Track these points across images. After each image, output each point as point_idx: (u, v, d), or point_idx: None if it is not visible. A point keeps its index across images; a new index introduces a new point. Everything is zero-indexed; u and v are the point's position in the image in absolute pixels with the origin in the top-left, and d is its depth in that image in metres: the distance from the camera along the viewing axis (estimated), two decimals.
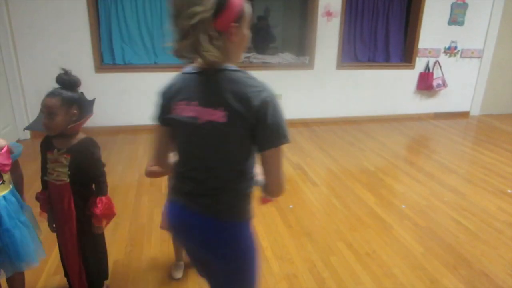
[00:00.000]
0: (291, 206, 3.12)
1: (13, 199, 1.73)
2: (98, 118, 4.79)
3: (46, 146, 1.74)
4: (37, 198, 1.85)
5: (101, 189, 1.81)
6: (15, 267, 1.75)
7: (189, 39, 1.03)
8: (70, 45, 4.61)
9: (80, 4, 4.51)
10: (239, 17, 1.06)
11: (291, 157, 4.20)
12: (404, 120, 5.85)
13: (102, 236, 1.95)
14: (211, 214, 1.18)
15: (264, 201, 1.35)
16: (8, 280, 1.84)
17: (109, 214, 1.85)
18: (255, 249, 1.27)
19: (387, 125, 5.60)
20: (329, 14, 5.22)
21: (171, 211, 1.28)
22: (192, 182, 1.18)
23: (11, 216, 1.70)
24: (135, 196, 3.26)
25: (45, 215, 1.90)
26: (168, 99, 1.18)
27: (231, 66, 1.11)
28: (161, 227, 2.21)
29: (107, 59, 4.90)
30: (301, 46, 5.93)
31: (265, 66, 5.33)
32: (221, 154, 1.13)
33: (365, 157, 4.28)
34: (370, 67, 5.67)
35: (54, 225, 1.88)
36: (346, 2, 5.27)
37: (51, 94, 1.65)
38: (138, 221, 2.87)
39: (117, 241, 2.60)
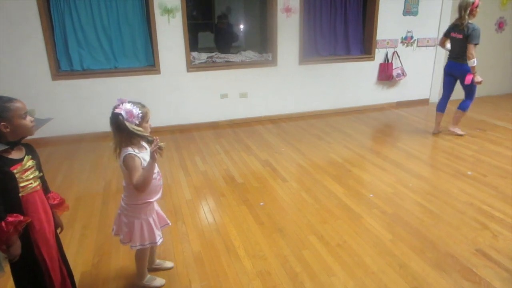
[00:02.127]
0: (262, 203, 3.12)
1: None
2: (59, 127, 4.62)
3: (4, 164, 1.59)
4: (14, 225, 1.59)
5: (48, 186, 1.86)
6: None
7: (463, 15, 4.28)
8: (24, 53, 4.41)
9: (31, 9, 4.31)
10: (477, 6, 4.25)
11: (260, 154, 4.20)
12: (367, 111, 5.99)
13: None
14: (460, 62, 4.37)
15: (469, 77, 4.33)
16: None
17: (64, 201, 1.90)
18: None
19: (351, 117, 5.72)
20: (288, 10, 5.26)
21: (449, 64, 4.57)
22: (454, 55, 4.49)
23: None
24: (102, 204, 3.16)
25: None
26: (448, 31, 4.52)
27: (469, 22, 4.27)
28: (115, 234, 2.14)
29: (64, 66, 4.71)
30: (263, 44, 5.94)
31: (228, 65, 5.30)
32: (461, 46, 4.32)
33: (332, 150, 4.35)
34: (332, 61, 5.76)
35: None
36: None
37: (16, 98, 1.62)
38: (106, 230, 2.78)
39: (84, 252, 2.51)
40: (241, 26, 8.52)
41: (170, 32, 4.84)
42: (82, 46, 4.70)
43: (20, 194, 1.64)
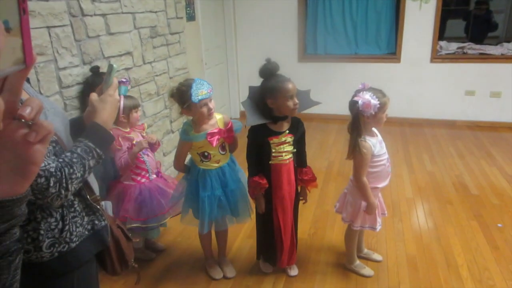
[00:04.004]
0: (500, 225, 2.61)
1: (233, 165, 2.06)
2: None
3: (265, 133, 1.87)
4: (255, 184, 1.91)
5: (306, 161, 2.04)
6: (230, 222, 2.11)
7: None
8: (279, 36, 5.02)
9: None
10: None
11: (506, 167, 3.50)
12: None
13: None
14: None
15: None
16: (217, 233, 2.21)
17: (315, 179, 2.03)
18: None
19: None
20: None
21: None
22: None
23: (234, 179, 2.02)
24: (323, 182, 3.34)
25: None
26: None
27: None
28: (337, 211, 2.21)
29: (309, 49, 5.13)
30: None
31: (482, 57, 4.57)
32: None
33: None
34: None
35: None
36: None
37: (290, 80, 1.83)
38: (323, 207, 2.93)
39: (303, 221, 2.71)
40: (504, 13, 7.18)
41: (419, 19, 4.52)
42: (328, 31, 4.97)
43: (269, 162, 1.91)
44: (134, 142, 2.16)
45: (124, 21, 2.72)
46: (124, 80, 2.00)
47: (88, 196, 1.13)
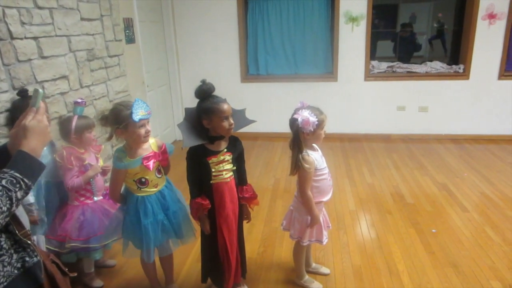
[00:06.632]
0: (434, 230, 2.81)
1: (170, 186, 2.03)
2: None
3: (203, 154, 1.86)
4: (198, 205, 1.88)
5: (246, 179, 2.05)
6: (175, 245, 2.05)
7: None
8: (222, 57, 5.11)
9: (232, 20, 4.96)
10: None
11: (436, 176, 3.79)
12: None
13: None
14: None
15: None
16: (161, 259, 2.13)
17: (255, 196, 2.04)
18: None
19: None
20: (492, 16, 4.57)
21: None
22: None
23: (174, 200, 1.99)
24: (270, 200, 3.38)
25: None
26: None
27: None
28: (284, 229, 2.25)
29: (252, 70, 5.25)
30: (454, 54, 5.34)
31: (410, 75, 4.96)
32: None
33: None
34: None
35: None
36: None
37: (225, 101, 1.84)
38: (271, 225, 2.96)
39: (251, 240, 2.73)
40: (426, 35, 7.94)
41: (352, 41, 4.83)
42: (269, 52, 5.14)
43: (210, 182, 1.90)
44: (85, 163, 2.13)
45: (58, 44, 2.61)
46: (80, 100, 1.99)
47: (16, 231, 1.05)
